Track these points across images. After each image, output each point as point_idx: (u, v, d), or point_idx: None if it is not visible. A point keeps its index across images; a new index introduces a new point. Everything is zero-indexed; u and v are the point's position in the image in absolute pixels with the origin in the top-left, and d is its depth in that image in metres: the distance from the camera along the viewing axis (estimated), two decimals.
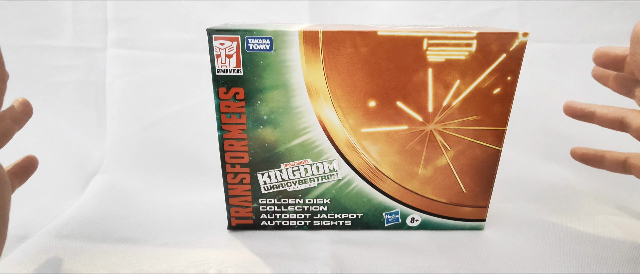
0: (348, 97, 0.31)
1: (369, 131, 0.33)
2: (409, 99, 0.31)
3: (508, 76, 0.31)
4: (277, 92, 0.31)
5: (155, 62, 0.56)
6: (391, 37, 0.29)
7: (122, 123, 0.54)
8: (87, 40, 0.55)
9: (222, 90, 0.31)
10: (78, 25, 0.55)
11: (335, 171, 0.34)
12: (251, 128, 0.32)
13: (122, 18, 0.55)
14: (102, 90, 0.56)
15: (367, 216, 0.36)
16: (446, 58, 0.30)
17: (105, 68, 0.56)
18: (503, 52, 0.30)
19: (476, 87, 0.31)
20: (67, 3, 0.55)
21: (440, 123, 0.32)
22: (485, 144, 0.33)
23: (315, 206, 0.36)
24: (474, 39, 0.29)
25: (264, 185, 0.35)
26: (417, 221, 0.37)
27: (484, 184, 0.35)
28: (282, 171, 0.34)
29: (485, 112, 0.32)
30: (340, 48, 0.30)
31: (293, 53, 0.30)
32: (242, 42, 0.29)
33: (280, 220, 0.36)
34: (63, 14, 0.55)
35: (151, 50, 0.55)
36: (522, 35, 0.29)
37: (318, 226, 0.37)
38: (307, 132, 0.33)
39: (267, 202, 0.35)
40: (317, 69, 0.30)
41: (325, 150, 0.33)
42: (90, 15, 0.55)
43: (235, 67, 0.30)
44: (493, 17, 0.56)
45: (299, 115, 0.32)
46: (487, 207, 0.36)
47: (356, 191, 0.35)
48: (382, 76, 0.31)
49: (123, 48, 0.56)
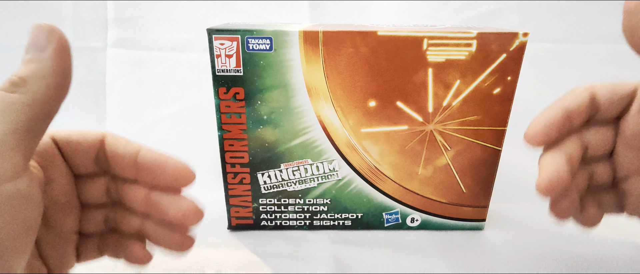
0: (348, 97, 0.31)
1: (369, 131, 0.33)
2: (409, 99, 0.31)
3: (508, 76, 0.31)
4: (277, 92, 0.31)
5: (155, 62, 0.56)
6: (391, 37, 0.29)
7: (122, 123, 0.54)
8: (87, 40, 0.55)
9: (222, 90, 0.31)
10: (78, 25, 0.55)
11: (335, 171, 0.34)
12: (251, 128, 0.32)
13: (122, 18, 0.55)
14: (102, 90, 0.56)
15: (367, 216, 0.36)
16: (446, 58, 0.30)
17: (105, 68, 0.56)
18: (503, 52, 0.30)
19: (476, 87, 0.31)
20: (67, 3, 0.54)
21: (440, 123, 0.32)
22: (485, 144, 0.33)
23: (315, 206, 0.36)
24: (474, 39, 0.29)
25: (264, 185, 0.35)
26: (417, 221, 0.37)
27: (484, 184, 0.35)
28: (282, 171, 0.34)
29: (485, 112, 0.32)
30: (340, 49, 0.30)
31: (293, 53, 0.30)
32: (242, 42, 0.29)
33: (280, 220, 0.36)
34: (63, 14, 0.55)
35: (151, 50, 0.55)
36: (522, 35, 0.29)
37: (318, 226, 0.37)
38: (307, 132, 0.33)
39: (267, 202, 0.35)
40: (317, 69, 0.30)
41: (325, 150, 0.33)
42: (90, 15, 0.55)
43: (235, 67, 0.30)
44: (493, 17, 0.56)
45: (299, 115, 0.32)
46: (487, 207, 0.36)
47: (356, 191, 0.35)
48: (382, 76, 0.31)
49: (123, 48, 0.56)
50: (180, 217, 0.23)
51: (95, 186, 0.24)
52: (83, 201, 0.24)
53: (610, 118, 0.26)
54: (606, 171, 0.27)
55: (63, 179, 0.23)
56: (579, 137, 0.26)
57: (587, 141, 0.26)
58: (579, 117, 0.26)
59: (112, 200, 0.25)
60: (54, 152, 0.23)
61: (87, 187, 0.24)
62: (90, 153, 0.23)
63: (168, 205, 0.23)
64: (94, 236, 0.25)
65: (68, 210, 0.23)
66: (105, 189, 0.25)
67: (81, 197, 0.24)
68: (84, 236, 0.25)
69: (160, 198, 0.24)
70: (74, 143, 0.23)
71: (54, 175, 0.22)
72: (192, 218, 0.24)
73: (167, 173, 0.23)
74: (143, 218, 0.25)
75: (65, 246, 0.24)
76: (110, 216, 0.25)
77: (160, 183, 0.24)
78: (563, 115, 0.25)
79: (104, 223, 0.25)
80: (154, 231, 0.25)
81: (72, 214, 0.24)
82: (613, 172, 0.27)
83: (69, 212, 0.23)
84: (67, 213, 0.23)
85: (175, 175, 0.23)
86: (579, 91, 0.26)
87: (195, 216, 0.24)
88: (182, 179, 0.23)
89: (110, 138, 0.24)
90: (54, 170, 0.22)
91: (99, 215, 0.25)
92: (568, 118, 0.25)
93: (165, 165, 0.23)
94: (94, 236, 0.25)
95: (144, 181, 0.24)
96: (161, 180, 0.24)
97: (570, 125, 0.26)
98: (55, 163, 0.22)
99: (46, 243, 0.22)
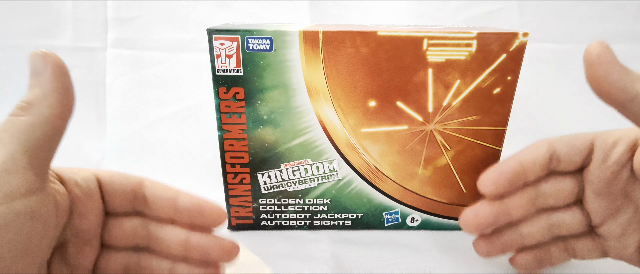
0: (348, 97, 0.31)
1: (369, 131, 0.33)
2: (409, 99, 0.31)
3: (508, 76, 0.31)
4: (277, 92, 0.31)
5: (155, 62, 0.56)
6: (391, 37, 0.29)
7: (122, 123, 0.54)
8: (87, 40, 0.55)
9: (222, 90, 0.31)
10: (78, 25, 0.55)
11: (335, 171, 0.34)
12: (251, 128, 0.32)
13: (122, 18, 0.55)
14: (102, 90, 0.56)
15: (367, 216, 0.36)
16: (446, 58, 0.30)
17: (105, 68, 0.56)
18: (503, 52, 0.30)
19: (476, 87, 0.31)
20: (67, 3, 0.54)
21: (440, 123, 0.32)
22: (485, 144, 0.33)
23: (315, 206, 0.36)
24: (474, 39, 0.29)
25: (264, 185, 0.35)
26: (417, 221, 0.37)
27: None
28: (282, 171, 0.34)
29: (485, 112, 0.32)
30: (340, 48, 0.30)
31: (293, 53, 0.30)
32: (242, 42, 0.29)
33: (280, 220, 0.36)
34: (63, 14, 0.55)
35: (151, 50, 0.55)
36: (522, 35, 0.29)
37: (318, 226, 0.37)
38: (307, 132, 0.33)
39: (267, 202, 0.36)
40: (317, 69, 0.30)
41: (326, 150, 0.33)
42: (90, 15, 0.55)
43: (235, 67, 0.30)
44: (493, 17, 0.56)
45: (299, 115, 0.32)
46: None
47: (356, 191, 0.35)
48: (382, 76, 0.31)
49: (123, 48, 0.56)
50: (223, 256, 0.25)
51: (124, 227, 0.25)
52: (106, 242, 0.25)
53: (572, 169, 0.27)
54: (577, 219, 0.28)
55: (94, 216, 0.24)
56: (533, 189, 0.27)
57: (548, 193, 0.27)
58: (533, 170, 0.27)
59: (136, 244, 0.25)
60: (94, 187, 0.24)
61: (116, 227, 0.25)
62: (130, 193, 0.25)
63: (210, 245, 0.25)
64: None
65: (88, 247, 0.24)
66: (133, 232, 0.25)
67: (105, 237, 0.25)
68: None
69: (201, 239, 0.25)
70: (116, 182, 0.24)
71: (87, 210, 0.23)
72: (233, 254, 0.26)
73: (205, 216, 0.25)
74: (174, 262, 0.26)
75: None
76: (133, 262, 0.26)
77: (196, 225, 0.25)
78: (516, 168, 0.26)
79: (122, 267, 0.25)
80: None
81: (91, 252, 0.24)
82: (587, 220, 0.28)
83: (88, 249, 0.24)
84: (86, 250, 0.24)
85: (213, 218, 0.25)
86: (537, 145, 0.27)
87: (235, 252, 0.26)
88: (217, 221, 0.26)
89: (149, 182, 0.25)
90: (89, 205, 0.23)
91: (120, 258, 0.25)
92: (522, 171, 0.26)
93: (203, 209, 0.25)
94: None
95: (181, 224, 0.25)
96: (199, 222, 0.25)
97: (525, 177, 0.27)
98: (92, 198, 0.24)
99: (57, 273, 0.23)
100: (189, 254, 0.25)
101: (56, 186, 0.21)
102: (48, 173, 0.20)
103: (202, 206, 0.25)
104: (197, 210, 0.25)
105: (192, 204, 0.25)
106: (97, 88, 0.56)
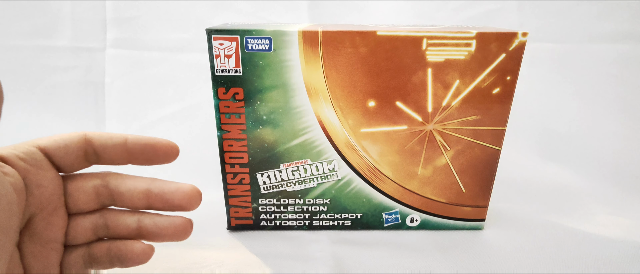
0: (347, 97, 0.31)
1: (369, 131, 0.33)
2: (408, 99, 0.31)
3: (507, 76, 0.31)
4: (276, 92, 0.31)
5: (155, 62, 0.56)
6: (390, 37, 0.29)
7: (122, 123, 0.54)
8: (86, 40, 0.55)
9: (221, 90, 0.31)
10: (77, 25, 0.55)
11: (334, 171, 0.34)
12: (250, 128, 0.32)
13: (121, 18, 0.55)
14: (101, 90, 0.56)
15: (367, 216, 0.36)
16: (445, 58, 0.30)
17: (105, 68, 0.56)
18: (502, 52, 0.30)
19: (475, 87, 0.31)
20: (66, 3, 0.54)
21: (439, 123, 0.32)
22: (484, 144, 0.33)
23: (314, 206, 0.36)
24: (473, 39, 0.29)
25: (263, 185, 0.35)
26: (416, 221, 0.37)
27: (483, 184, 0.35)
28: (282, 172, 0.34)
29: (484, 111, 0.32)
30: (339, 49, 0.30)
31: (292, 54, 0.30)
32: (242, 42, 0.29)
33: (280, 220, 0.36)
34: (62, 14, 0.55)
35: (151, 50, 0.55)
36: (521, 35, 0.29)
37: (318, 226, 0.37)
38: (306, 132, 0.33)
39: (267, 202, 0.35)
40: (316, 69, 0.30)
41: (325, 150, 0.33)
42: (89, 15, 0.55)
43: (235, 67, 0.30)
44: (493, 17, 0.56)
45: (299, 115, 0.32)
46: (486, 207, 0.36)
47: (356, 191, 0.35)
48: (381, 76, 0.31)
49: (122, 48, 0.56)
50: (186, 200, 0.25)
51: (86, 188, 0.25)
52: (71, 209, 0.25)
53: None
54: None
55: (51, 184, 0.23)
56: None
57: None
58: None
59: (102, 204, 0.25)
60: (40, 157, 0.23)
61: (78, 190, 0.25)
62: (79, 151, 0.24)
63: (172, 191, 0.25)
64: (80, 248, 0.25)
65: (55, 218, 0.23)
66: (95, 191, 0.25)
67: (69, 204, 0.24)
68: (69, 247, 0.25)
69: (163, 186, 0.25)
70: (61, 146, 0.24)
71: (42, 180, 0.23)
72: (196, 199, 0.25)
73: (157, 151, 0.25)
74: (139, 214, 0.25)
75: (49, 257, 0.23)
76: (100, 223, 0.25)
77: (153, 162, 0.25)
78: None
79: (92, 232, 0.25)
80: (153, 224, 0.25)
81: (59, 222, 0.24)
82: None
83: (55, 220, 0.24)
84: (53, 221, 0.23)
85: (166, 151, 0.25)
86: None
87: (198, 197, 0.25)
88: (170, 154, 0.25)
89: (94, 134, 0.25)
90: (41, 174, 0.23)
91: (87, 223, 0.25)
92: None
93: (154, 145, 0.25)
94: (80, 248, 0.25)
95: (138, 163, 0.25)
96: (154, 158, 0.25)
97: None
98: (42, 167, 0.23)
99: (29, 253, 0.22)
100: (151, 203, 0.25)
101: (2, 169, 0.21)
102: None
103: (152, 143, 0.25)
104: (149, 148, 0.25)
105: (142, 143, 0.25)
106: (96, 88, 0.56)
